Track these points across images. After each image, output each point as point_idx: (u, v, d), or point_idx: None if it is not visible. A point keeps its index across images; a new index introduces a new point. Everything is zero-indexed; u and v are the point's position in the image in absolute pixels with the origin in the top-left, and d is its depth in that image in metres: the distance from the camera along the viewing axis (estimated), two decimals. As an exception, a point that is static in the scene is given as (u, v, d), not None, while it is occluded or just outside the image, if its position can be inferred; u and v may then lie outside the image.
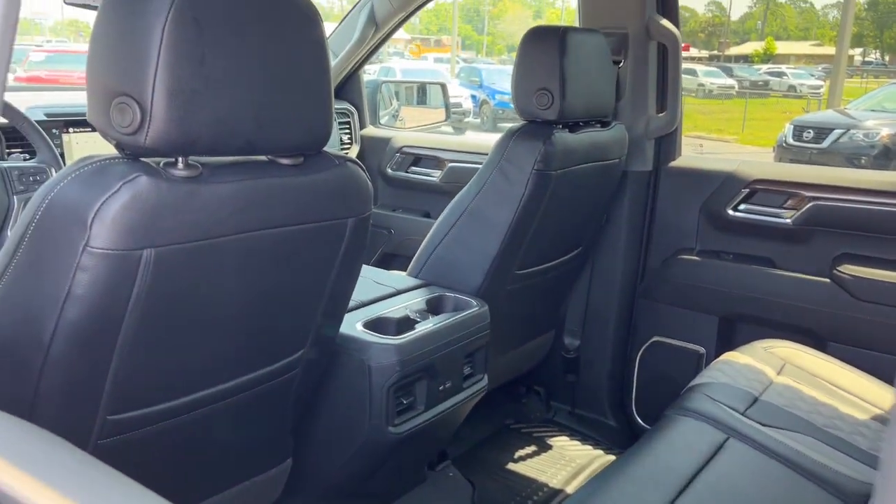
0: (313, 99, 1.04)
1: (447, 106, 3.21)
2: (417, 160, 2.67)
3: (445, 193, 2.37)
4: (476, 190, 1.75)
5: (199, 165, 0.94)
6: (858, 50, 72.51)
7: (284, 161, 1.05)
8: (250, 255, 1.02)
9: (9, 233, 1.37)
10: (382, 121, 3.04)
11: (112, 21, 0.89)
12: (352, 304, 1.53)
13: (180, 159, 0.92)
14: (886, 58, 64.19)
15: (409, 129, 3.11)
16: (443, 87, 3.30)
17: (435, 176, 2.61)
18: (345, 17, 2.59)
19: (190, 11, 0.87)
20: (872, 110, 11.60)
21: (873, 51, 69.52)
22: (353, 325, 1.46)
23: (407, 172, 2.69)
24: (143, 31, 0.85)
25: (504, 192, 1.70)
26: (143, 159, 0.92)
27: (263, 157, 1.04)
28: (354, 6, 2.57)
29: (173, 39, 0.85)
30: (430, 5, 2.57)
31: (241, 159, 1.01)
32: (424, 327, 1.51)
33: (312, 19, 1.02)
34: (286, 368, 1.25)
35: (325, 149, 1.12)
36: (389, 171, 2.72)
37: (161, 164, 0.92)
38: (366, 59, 2.72)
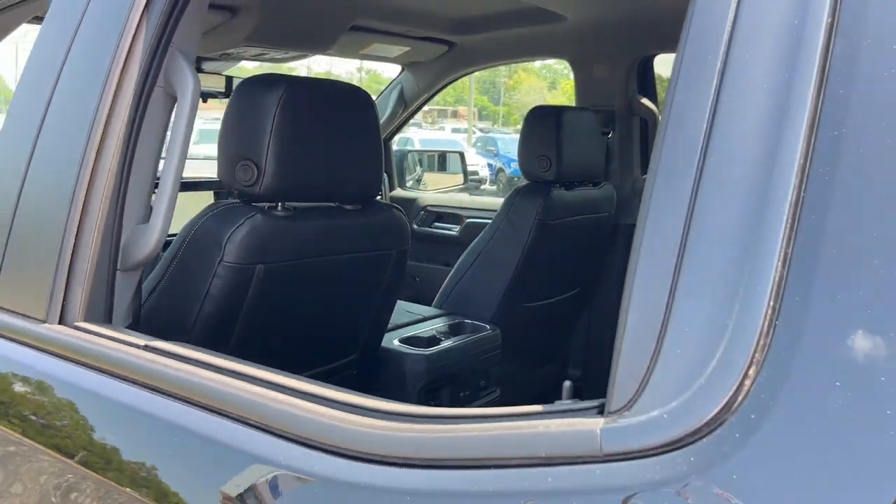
0: (369, 163, 1.45)
1: (465, 171, 3.65)
2: (440, 217, 3.09)
3: (464, 245, 2.77)
4: (489, 237, 2.15)
5: (293, 209, 1.35)
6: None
7: (348, 207, 1.46)
8: (325, 272, 1.42)
9: None
10: (408, 184, 3.47)
11: (239, 108, 1.30)
12: (390, 326, 1.91)
13: (280, 204, 1.33)
14: None
15: (432, 191, 3.54)
16: (461, 155, 3.75)
17: (455, 230, 3.02)
18: (379, 95, 3.05)
19: (291, 104, 1.28)
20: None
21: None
22: (391, 340, 1.84)
23: (430, 228, 3.10)
24: (261, 117, 1.27)
25: (511, 238, 2.09)
26: (254, 203, 1.32)
27: (333, 204, 1.45)
28: (388, 86, 3.03)
29: (281, 123, 1.27)
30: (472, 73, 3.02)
31: (319, 205, 1.42)
32: (447, 344, 1.89)
33: (370, 107, 1.44)
34: (339, 370, 1.62)
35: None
36: (415, 226, 3.13)
37: (266, 207, 1.33)
38: (396, 132, 3.16)
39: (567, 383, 0.71)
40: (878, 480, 0.45)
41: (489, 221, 2.26)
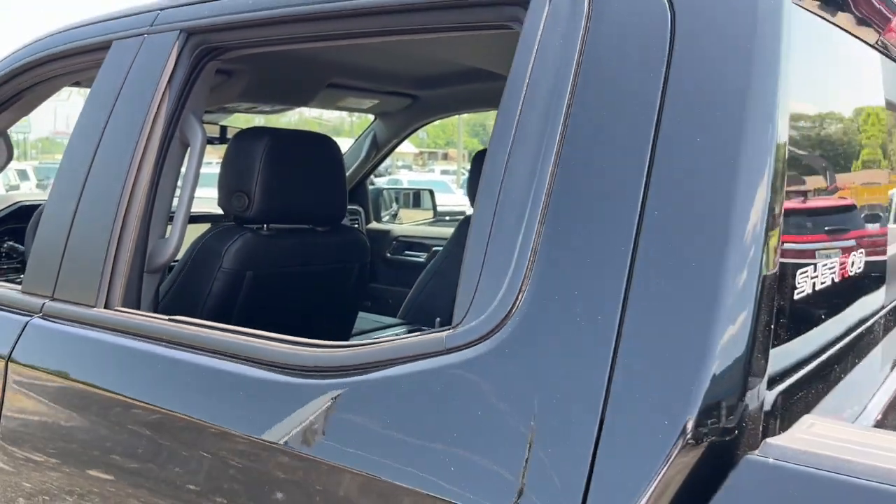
0: (335, 194, 1.88)
1: (434, 207, 4.09)
2: (410, 246, 3.51)
3: (430, 270, 3.18)
4: (442, 257, 2.56)
5: (275, 229, 1.77)
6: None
7: (319, 228, 1.88)
8: (301, 279, 1.83)
9: None
10: (384, 219, 3.90)
11: (235, 153, 1.73)
12: (357, 331, 2.31)
13: (266, 226, 1.75)
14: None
15: (405, 224, 3.97)
16: (430, 192, 4.19)
17: (422, 258, 3.43)
18: (356, 141, 3.49)
19: (273, 150, 1.71)
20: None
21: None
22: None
23: (402, 256, 3.52)
24: (252, 160, 1.69)
25: (458, 257, 2.51)
26: (246, 225, 1.74)
27: (307, 226, 1.86)
28: (362, 133, 3.47)
29: (266, 164, 1.69)
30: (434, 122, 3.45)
31: (296, 227, 1.83)
32: (405, 344, 2.29)
33: (335, 151, 1.87)
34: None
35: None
36: (388, 255, 3.55)
37: (255, 227, 1.75)
38: (370, 172, 3.60)
39: (438, 319, 1.12)
40: (585, 368, 0.86)
41: None
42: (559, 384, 0.86)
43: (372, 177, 3.77)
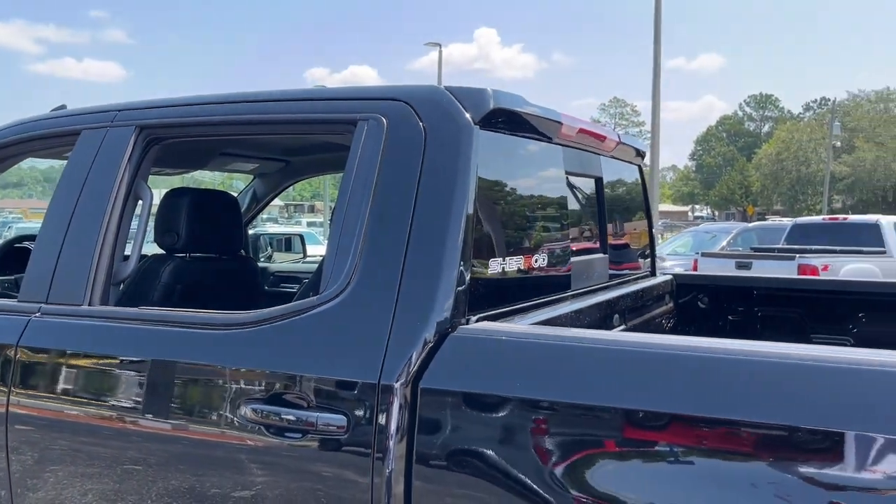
0: (233, 232, 2.72)
1: (304, 249, 4.94)
2: (284, 280, 4.33)
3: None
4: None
5: (194, 257, 2.58)
6: (690, 207, 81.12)
7: (224, 257, 2.70)
8: (212, 290, 2.64)
9: None
10: (261, 259, 4.70)
11: (168, 205, 2.54)
12: None
13: (187, 255, 2.56)
14: (715, 212, 72.82)
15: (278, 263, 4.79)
16: (301, 237, 5.05)
17: (295, 289, 4.25)
18: (238, 196, 4.29)
19: (194, 203, 2.54)
20: (669, 253, 14.40)
21: (704, 206, 78.59)
22: None
23: (278, 288, 4.33)
24: (179, 210, 2.51)
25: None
26: (175, 254, 2.54)
27: (216, 255, 2.68)
28: (244, 189, 4.28)
29: (187, 212, 2.51)
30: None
31: (209, 255, 2.65)
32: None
33: (233, 202, 2.72)
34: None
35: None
36: (265, 288, 4.34)
37: (181, 256, 2.55)
38: (250, 221, 4.40)
39: (311, 292, 2.00)
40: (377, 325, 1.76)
41: None
42: (373, 315, 1.76)
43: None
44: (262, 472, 1.80)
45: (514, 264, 2.03)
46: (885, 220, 11.45)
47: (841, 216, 14.99)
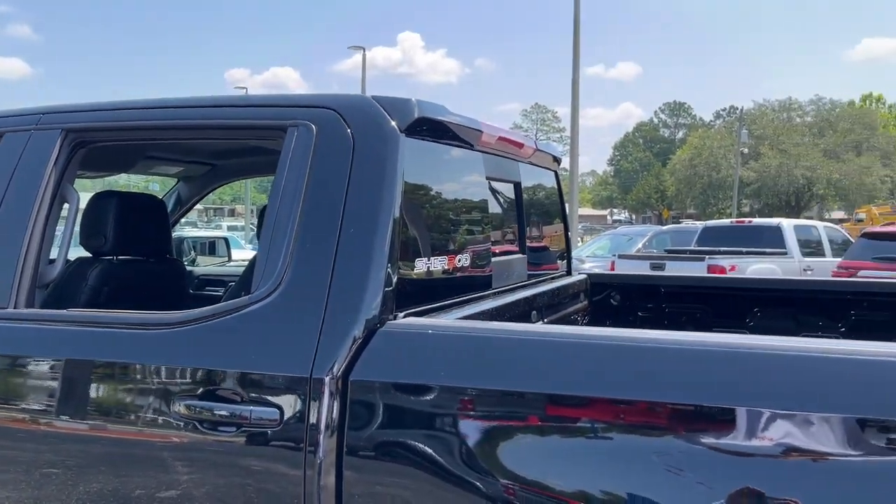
0: (161, 234, 2.74)
1: (229, 253, 4.93)
2: (209, 283, 4.32)
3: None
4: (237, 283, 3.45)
5: (121, 260, 2.59)
6: (609, 210, 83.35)
7: (151, 259, 2.72)
8: (141, 292, 2.66)
9: None
10: (186, 263, 4.67)
11: (95, 207, 2.55)
12: None
13: (114, 257, 2.57)
14: (632, 216, 75.12)
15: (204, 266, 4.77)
16: (226, 241, 5.03)
17: (220, 292, 4.25)
18: (162, 198, 4.26)
19: (120, 206, 2.55)
20: (588, 255, 14.85)
21: (622, 210, 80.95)
22: None
23: (203, 291, 4.32)
24: (106, 212, 2.53)
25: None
26: (102, 256, 2.55)
27: (143, 257, 2.70)
28: (168, 192, 4.26)
29: (114, 215, 2.53)
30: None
31: (136, 258, 2.67)
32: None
33: (160, 204, 2.74)
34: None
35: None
36: (191, 291, 4.33)
37: (108, 258, 2.56)
38: (174, 225, 4.38)
39: (242, 292, 2.06)
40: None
41: None
42: (305, 313, 1.84)
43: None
44: (197, 469, 1.85)
45: (438, 264, 2.15)
46: (786, 223, 12.17)
47: (747, 219, 15.81)
